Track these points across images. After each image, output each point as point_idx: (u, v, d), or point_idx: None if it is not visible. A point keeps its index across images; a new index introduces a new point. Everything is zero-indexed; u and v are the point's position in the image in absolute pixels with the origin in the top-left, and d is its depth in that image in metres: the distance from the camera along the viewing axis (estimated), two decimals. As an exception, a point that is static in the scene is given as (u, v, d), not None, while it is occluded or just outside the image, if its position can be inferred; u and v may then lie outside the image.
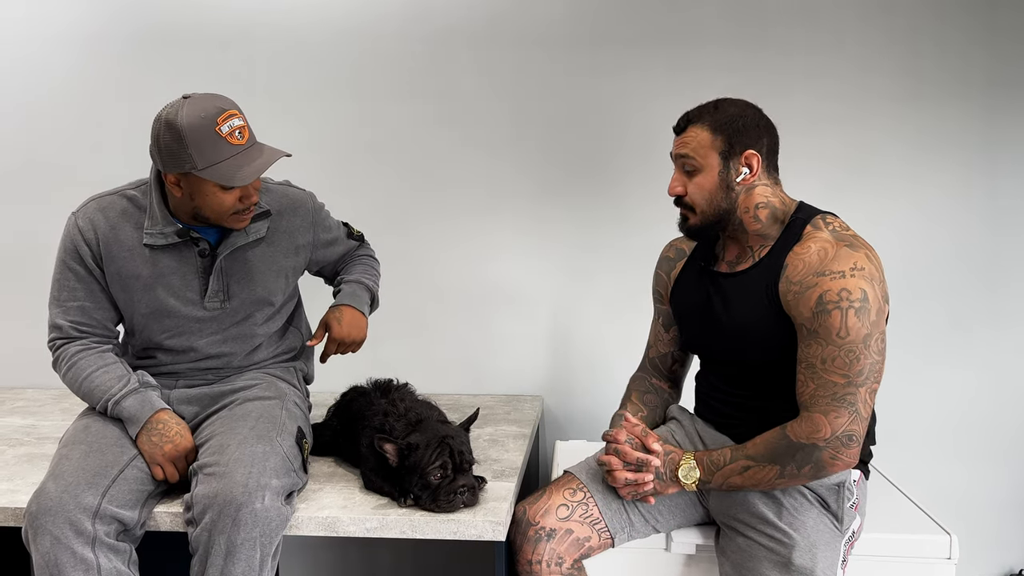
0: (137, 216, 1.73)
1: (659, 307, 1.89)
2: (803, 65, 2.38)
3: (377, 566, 2.64)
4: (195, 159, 1.57)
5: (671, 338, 1.86)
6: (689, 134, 1.62)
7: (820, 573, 1.53)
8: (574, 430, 2.54)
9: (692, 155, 1.61)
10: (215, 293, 1.76)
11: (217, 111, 1.59)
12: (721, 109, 1.62)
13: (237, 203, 1.66)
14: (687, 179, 1.64)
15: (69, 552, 1.44)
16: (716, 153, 1.60)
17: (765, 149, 1.62)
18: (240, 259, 1.77)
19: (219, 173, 1.58)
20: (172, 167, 1.61)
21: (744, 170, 1.61)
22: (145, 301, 1.74)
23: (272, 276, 1.81)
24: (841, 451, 1.50)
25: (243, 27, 2.50)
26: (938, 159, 2.40)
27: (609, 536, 1.66)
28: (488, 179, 2.51)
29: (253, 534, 1.47)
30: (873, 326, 1.50)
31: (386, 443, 1.62)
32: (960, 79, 2.37)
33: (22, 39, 2.56)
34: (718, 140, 1.60)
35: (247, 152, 1.61)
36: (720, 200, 1.62)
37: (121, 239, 1.72)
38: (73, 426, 1.71)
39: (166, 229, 1.70)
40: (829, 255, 1.54)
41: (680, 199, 1.66)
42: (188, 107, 1.58)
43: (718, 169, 1.61)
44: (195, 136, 1.56)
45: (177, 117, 1.57)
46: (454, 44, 2.47)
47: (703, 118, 1.62)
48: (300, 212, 1.85)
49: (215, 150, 1.57)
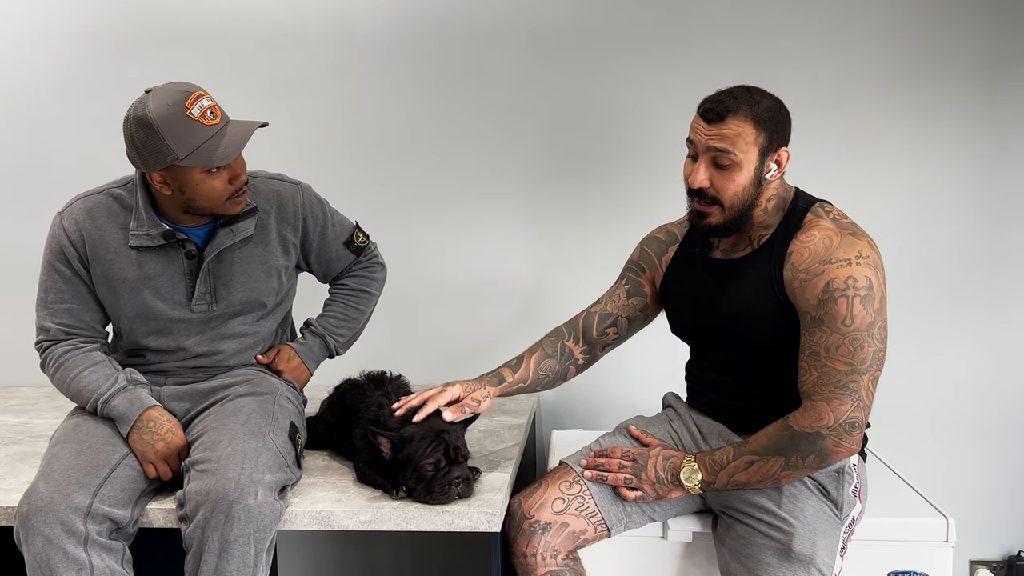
0: (123, 216, 1.71)
1: (631, 276, 1.82)
2: (800, 48, 2.37)
3: (375, 559, 2.64)
4: (175, 149, 1.54)
5: (628, 304, 1.79)
6: (729, 126, 1.50)
7: (819, 561, 1.52)
8: (570, 419, 2.54)
9: (733, 150, 1.50)
10: (202, 296, 1.73)
11: (183, 95, 1.55)
12: (756, 100, 1.52)
13: (227, 186, 1.63)
14: (715, 172, 1.54)
15: (61, 552, 1.43)
16: (757, 149, 1.52)
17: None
18: (228, 260, 1.74)
19: (202, 157, 1.56)
20: (154, 164, 1.58)
21: (773, 166, 1.56)
22: (132, 304, 1.72)
23: (262, 277, 1.78)
24: (844, 438, 1.49)
25: (241, 24, 2.48)
26: (938, 143, 2.38)
27: (605, 528, 1.65)
28: (482, 170, 2.49)
29: (247, 530, 1.46)
30: (877, 314, 1.49)
31: (380, 436, 1.61)
32: (962, 62, 2.35)
33: (17, 38, 2.54)
34: (761, 136, 1.51)
35: (223, 131, 1.58)
36: (750, 195, 1.55)
37: (107, 240, 1.70)
38: (63, 425, 1.70)
39: (152, 231, 1.68)
40: (834, 243, 1.52)
41: (702, 192, 1.56)
42: (153, 99, 1.55)
43: (755, 165, 1.53)
44: (168, 125, 1.53)
45: (146, 112, 1.54)
46: (452, 37, 2.44)
47: (743, 109, 1.50)
48: (288, 208, 1.80)
49: (191, 135, 1.54)
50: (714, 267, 1.68)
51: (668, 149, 2.29)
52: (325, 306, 1.98)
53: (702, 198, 1.57)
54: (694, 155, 1.58)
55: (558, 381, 1.81)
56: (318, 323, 1.94)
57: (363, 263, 1.98)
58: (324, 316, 1.96)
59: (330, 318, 1.95)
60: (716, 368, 1.72)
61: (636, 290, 1.81)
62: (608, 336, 1.81)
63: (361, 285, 1.97)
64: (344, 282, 1.97)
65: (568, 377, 1.82)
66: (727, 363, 1.69)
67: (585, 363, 1.82)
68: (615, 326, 1.81)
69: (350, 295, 1.96)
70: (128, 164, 1.66)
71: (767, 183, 1.57)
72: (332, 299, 1.98)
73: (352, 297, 1.96)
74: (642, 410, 1.98)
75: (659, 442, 1.71)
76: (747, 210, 1.57)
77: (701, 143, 1.54)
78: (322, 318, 1.95)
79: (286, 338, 1.95)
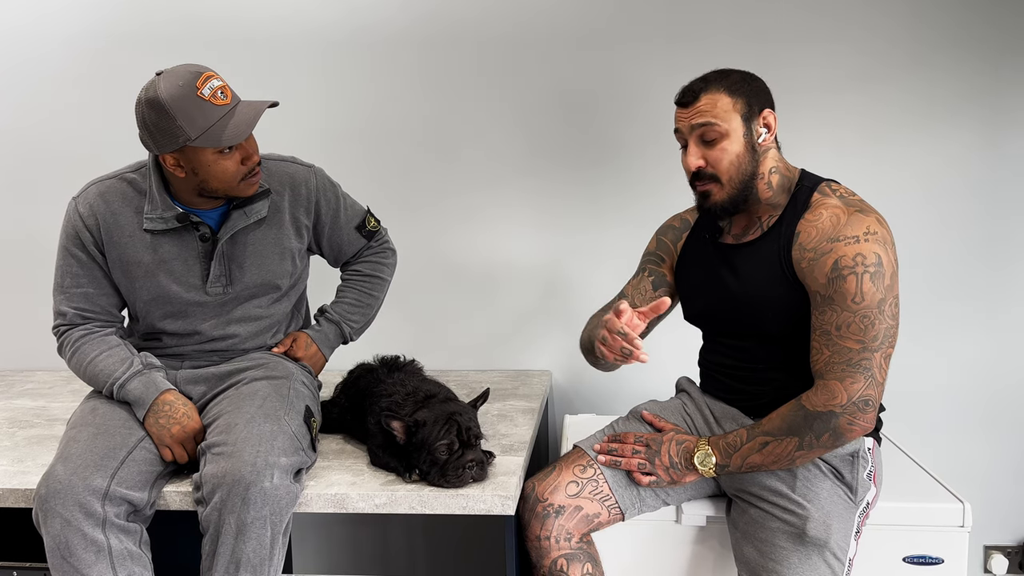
0: (137, 200, 1.71)
1: (653, 268, 1.83)
2: (811, 34, 2.34)
3: (389, 541, 2.66)
4: (187, 129, 1.55)
5: (655, 296, 1.80)
6: (704, 101, 1.56)
7: (834, 544, 1.52)
8: (583, 404, 2.54)
9: (714, 120, 1.55)
10: (217, 278, 1.74)
11: (194, 76, 1.56)
12: (725, 74, 1.58)
13: (240, 167, 1.64)
14: (706, 149, 1.57)
15: (80, 534, 1.45)
16: (739, 115, 1.55)
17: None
18: (241, 242, 1.75)
19: (213, 137, 1.56)
20: (167, 146, 1.58)
21: (763, 131, 1.57)
22: (147, 287, 1.73)
23: (276, 259, 1.79)
24: (858, 416, 1.48)
25: (253, 23, 2.48)
26: (948, 129, 2.35)
27: (619, 512, 1.65)
28: (496, 155, 2.48)
29: (263, 513, 1.47)
30: (887, 291, 1.48)
31: (393, 420, 1.61)
32: (970, 47, 2.32)
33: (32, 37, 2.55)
34: (738, 103, 1.55)
35: (233, 111, 1.59)
36: (747, 164, 1.57)
37: (122, 224, 1.71)
38: (80, 408, 1.71)
39: (166, 214, 1.69)
40: (842, 221, 1.51)
41: (700, 173, 1.59)
42: (164, 81, 1.55)
43: (742, 131, 1.56)
44: (180, 106, 1.54)
45: (157, 93, 1.54)
46: (465, 30, 2.43)
47: (714, 84, 1.57)
48: (301, 190, 1.81)
49: (203, 115, 1.55)
50: (724, 252, 1.67)
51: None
52: (338, 292, 1.98)
53: (701, 178, 1.59)
54: (684, 143, 1.61)
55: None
56: (333, 310, 1.95)
57: (374, 248, 1.98)
58: (338, 302, 1.96)
59: (344, 304, 1.95)
60: (729, 352, 1.72)
61: (660, 281, 1.81)
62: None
63: (373, 271, 1.97)
64: (356, 268, 1.97)
65: None
66: (740, 347, 1.69)
67: None
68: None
69: (363, 281, 1.97)
70: (141, 149, 1.67)
71: (762, 148, 1.58)
72: (345, 285, 1.98)
73: (365, 283, 1.96)
74: (655, 395, 1.98)
75: (672, 427, 1.70)
76: (748, 181, 1.58)
77: (684, 127, 1.59)
78: (336, 304, 1.96)
79: (301, 321, 1.96)
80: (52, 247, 1.79)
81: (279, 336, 1.87)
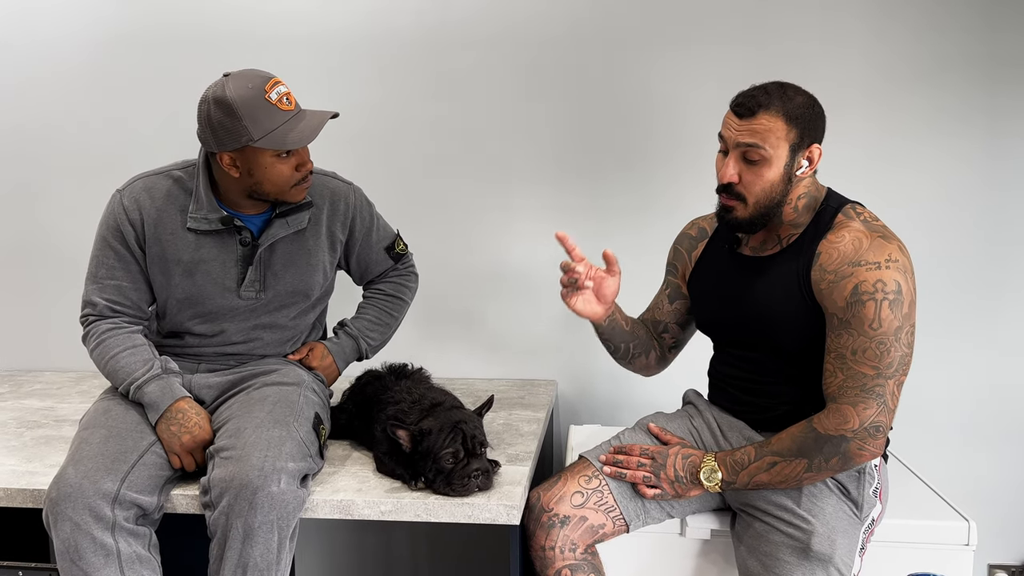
0: (182, 199, 1.74)
1: (670, 280, 1.85)
2: (821, 44, 2.35)
3: (393, 548, 2.66)
4: (251, 130, 1.59)
5: (673, 310, 1.83)
6: (760, 121, 1.50)
7: (838, 560, 1.52)
8: (588, 415, 2.54)
9: (763, 145, 1.50)
10: (251, 283, 1.76)
11: (263, 80, 1.61)
12: (789, 96, 1.52)
13: (294, 172, 1.68)
14: (744, 167, 1.54)
15: (89, 538, 1.46)
16: (787, 145, 1.52)
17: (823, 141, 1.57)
18: (280, 251, 1.77)
19: (276, 139, 1.60)
20: (228, 144, 1.61)
21: (804, 163, 1.55)
22: (183, 286, 1.75)
23: (310, 270, 1.81)
24: (868, 441, 1.49)
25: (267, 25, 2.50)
26: (960, 143, 2.36)
27: (624, 523, 1.65)
28: (504, 163, 2.49)
29: (270, 517, 1.48)
30: (905, 319, 1.48)
31: (399, 429, 1.62)
32: (983, 59, 2.32)
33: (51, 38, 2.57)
34: (792, 132, 1.51)
35: (297, 116, 1.64)
36: (778, 192, 1.55)
37: (165, 222, 1.73)
38: (94, 408, 1.72)
39: (211, 215, 1.71)
40: (864, 245, 1.51)
41: (730, 187, 1.56)
42: (233, 82, 1.60)
43: (785, 161, 1.53)
44: (247, 107, 1.58)
45: (225, 93, 1.59)
46: (479, 35, 2.44)
47: (775, 104, 1.50)
48: (340, 205, 1.84)
49: (269, 118, 1.59)
50: (742, 263, 1.68)
51: (700, 145, 2.29)
52: (359, 309, 2.00)
53: (728, 193, 1.57)
54: (725, 150, 1.58)
55: (647, 353, 1.82)
56: (353, 325, 1.96)
57: (400, 270, 2.02)
58: (358, 318, 1.98)
59: (365, 320, 1.97)
60: (738, 363, 1.72)
61: (676, 293, 1.83)
62: (666, 340, 1.86)
63: (396, 292, 2.00)
64: (380, 287, 2.00)
65: (651, 356, 1.84)
66: (750, 359, 1.69)
67: (661, 355, 1.86)
68: (667, 332, 1.85)
69: (385, 300, 1.99)
70: (150, 150, 1.68)
71: (797, 180, 1.56)
72: (367, 303, 2.00)
73: (387, 303, 1.99)
74: (661, 406, 1.98)
75: (679, 440, 1.71)
76: (774, 207, 1.57)
77: (731, 138, 1.55)
78: (357, 320, 1.98)
79: (320, 334, 1.98)
80: (61, 248, 1.81)
81: (297, 347, 1.90)
